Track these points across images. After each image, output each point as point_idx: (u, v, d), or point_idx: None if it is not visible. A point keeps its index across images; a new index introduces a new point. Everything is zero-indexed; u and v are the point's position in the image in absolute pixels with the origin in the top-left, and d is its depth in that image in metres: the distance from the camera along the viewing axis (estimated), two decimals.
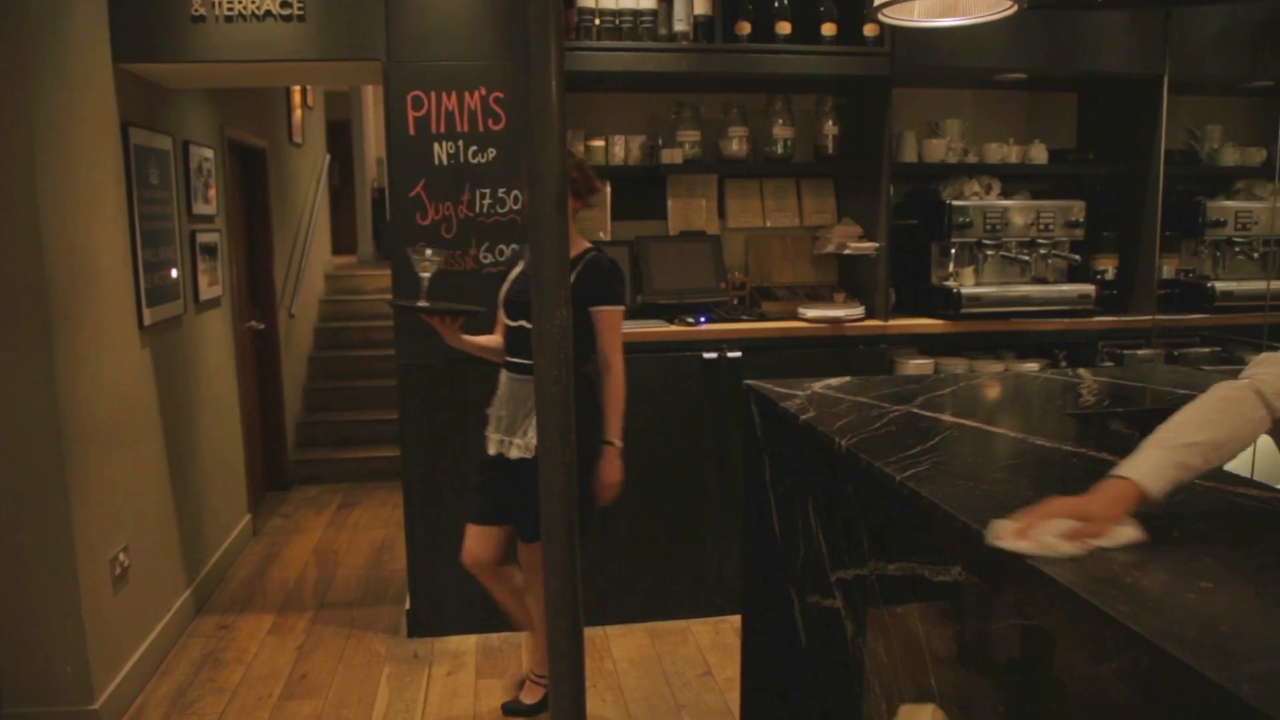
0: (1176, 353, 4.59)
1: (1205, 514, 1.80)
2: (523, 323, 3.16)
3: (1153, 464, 1.63)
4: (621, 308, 3.34)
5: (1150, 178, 4.68)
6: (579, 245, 3.29)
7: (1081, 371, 3.27)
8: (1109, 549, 1.56)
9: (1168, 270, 4.90)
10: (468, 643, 4.22)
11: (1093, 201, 4.75)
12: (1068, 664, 1.61)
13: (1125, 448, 2.14)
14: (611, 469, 3.36)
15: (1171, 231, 4.87)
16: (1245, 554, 1.64)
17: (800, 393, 2.99)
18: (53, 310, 3.28)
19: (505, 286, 3.36)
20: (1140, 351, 4.56)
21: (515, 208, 4.06)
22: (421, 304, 3.20)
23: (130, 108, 4.01)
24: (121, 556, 3.75)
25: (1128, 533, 1.58)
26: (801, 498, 3.00)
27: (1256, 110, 5.24)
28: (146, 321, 4.08)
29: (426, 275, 3.19)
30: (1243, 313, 4.73)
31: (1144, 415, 2.68)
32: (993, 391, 2.96)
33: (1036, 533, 1.57)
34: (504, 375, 3.33)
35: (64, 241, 3.37)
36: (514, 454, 3.25)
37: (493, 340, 3.44)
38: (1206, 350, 4.66)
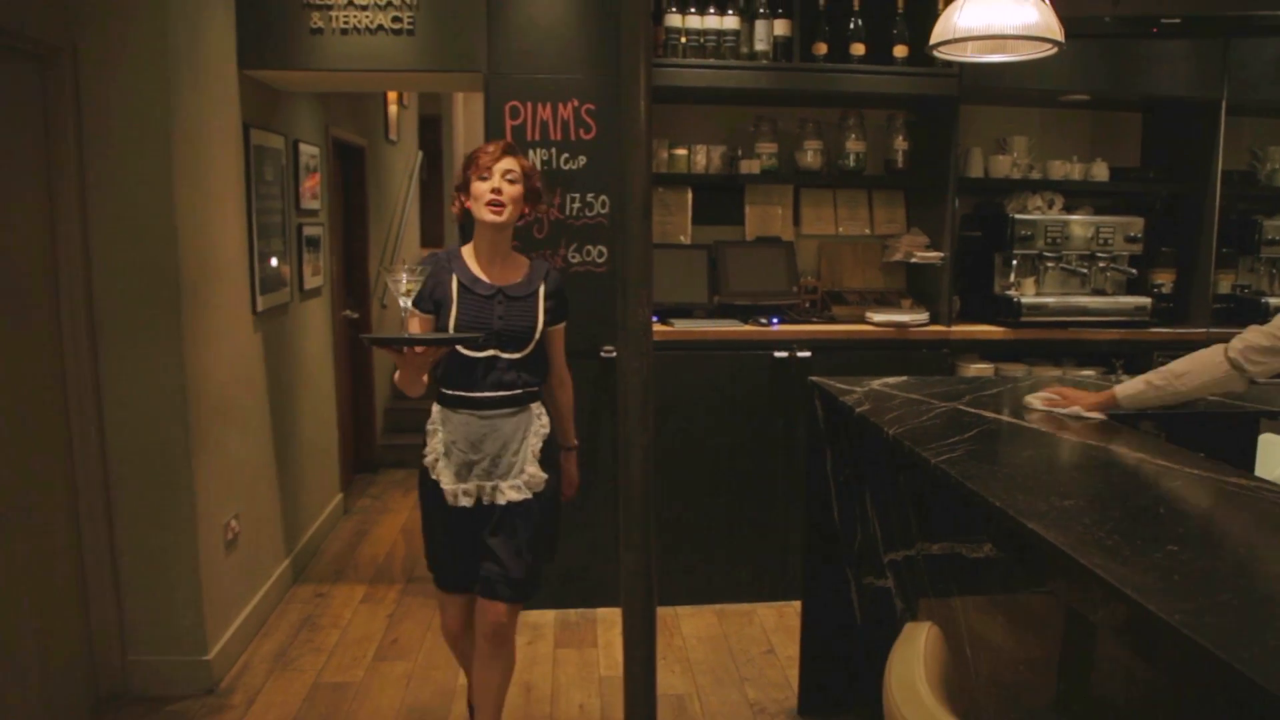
0: None
1: (1191, 497, 2.04)
2: (494, 352, 2.86)
3: (1130, 383, 2.76)
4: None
5: (1208, 196, 4.76)
6: (520, 258, 3.05)
7: (1124, 377, 3.43)
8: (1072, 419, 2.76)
9: (1224, 285, 4.97)
10: (546, 616, 4.45)
11: (1152, 218, 4.85)
12: (1075, 622, 1.89)
13: (1144, 444, 2.39)
14: (575, 470, 3.24)
15: (1228, 249, 4.94)
16: (1216, 528, 1.98)
17: (858, 389, 3.18)
18: (183, 295, 3.56)
19: (452, 314, 2.88)
20: None
21: (603, 211, 4.27)
22: (407, 335, 2.74)
23: (250, 110, 4.30)
24: (233, 523, 4.03)
25: (1089, 412, 2.77)
26: (859, 486, 3.19)
27: None
28: (259, 308, 4.36)
29: (408, 300, 2.70)
30: None
31: (1171, 418, 2.84)
32: (1033, 392, 3.11)
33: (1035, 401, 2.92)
34: (464, 417, 2.89)
35: (194, 232, 3.66)
36: (505, 498, 2.89)
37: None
38: None
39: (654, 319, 4.30)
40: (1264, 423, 2.87)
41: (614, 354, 4.06)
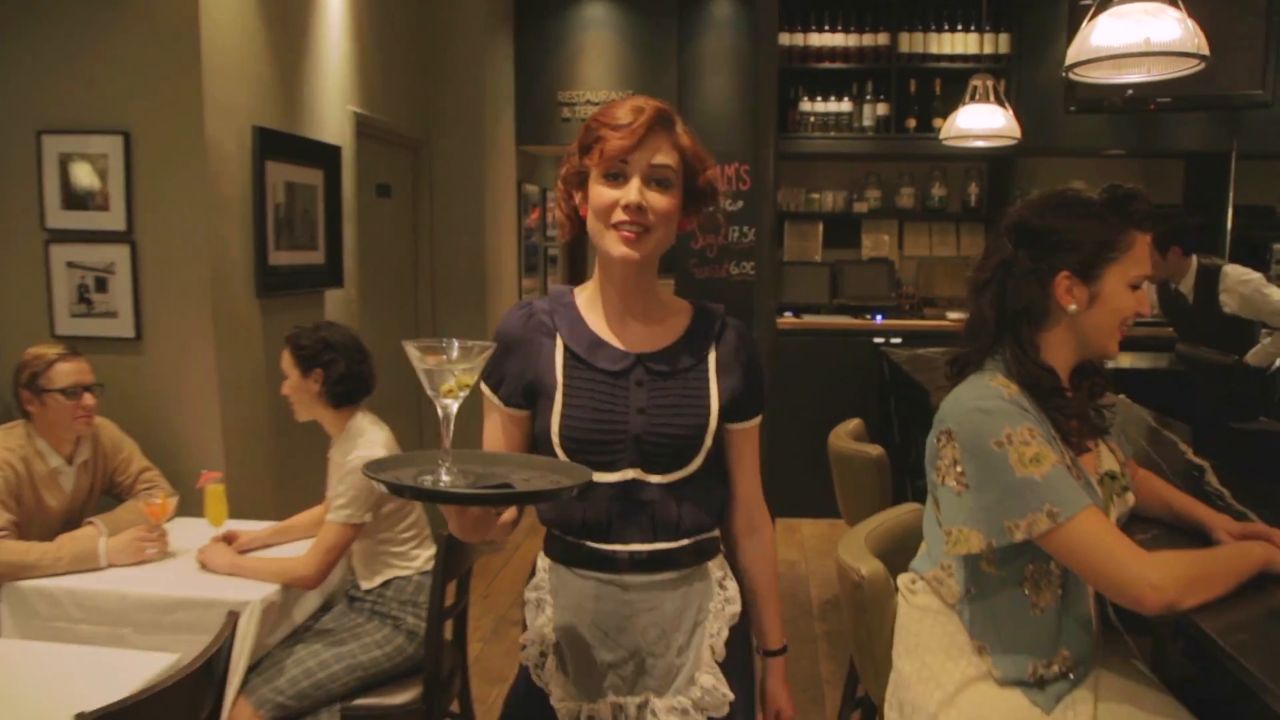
0: None
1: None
2: (635, 473, 1.57)
3: None
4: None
5: (1223, 226, 6.07)
6: (672, 303, 1.71)
7: None
8: None
9: None
10: None
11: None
12: None
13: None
14: (783, 689, 1.83)
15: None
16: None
17: (905, 353, 4.77)
18: (486, 288, 5.51)
19: (555, 410, 1.58)
20: None
21: (751, 238, 6.00)
22: (455, 488, 1.36)
23: (521, 170, 6.25)
24: None
25: None
26: (910, 419, 4.75)
27: None
28: (523, 298, 6.30)
29: (454, 402, 1.39)
30: None
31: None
32: None
33: None
34: (591, 584, 1.61)
35: (491, 250, 5.60)
36: None
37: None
38: None
39: (789, 314, 6.01)
40: None
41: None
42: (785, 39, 5.98)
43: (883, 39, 5.97)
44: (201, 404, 3.32)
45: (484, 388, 1.60)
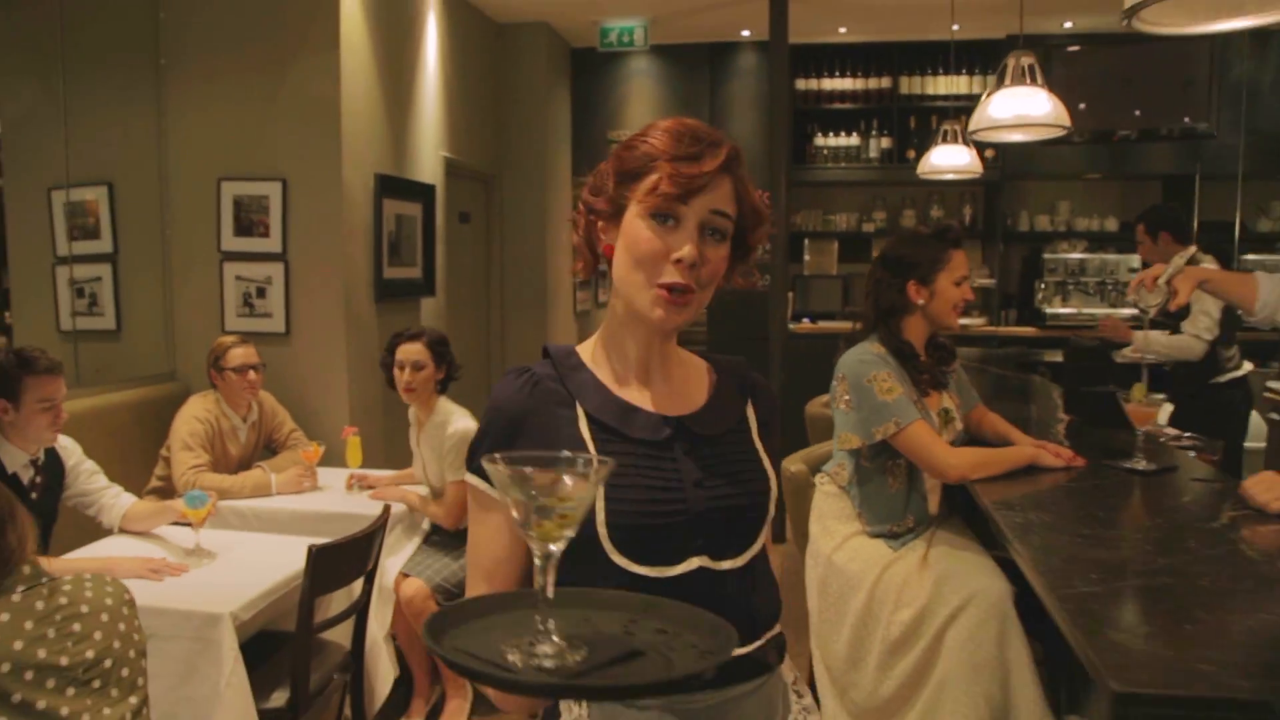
0: None
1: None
2: (701, 561, 1.24)
3: None
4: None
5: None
6: (687, 359, 1.44)
7: None
8: None
9: None
10: None
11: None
12: None
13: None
14: None
15: None
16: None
17: None
18: (548, 298, 6.51)
19: (601, 508, 1.20)
20: None
21: (767, 253, 6.92)
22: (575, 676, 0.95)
23: (576, 198, 7.24)
24: None
25: None
26: None
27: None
28: (577, 308, 7.30)
29: (557, 551, 0.97)
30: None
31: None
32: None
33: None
34: (654, 717, 1.19)
35: (551, 267, 6.60)
36: None
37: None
38: None
39: (806, 320, 6.92)
40: None
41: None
42: (801, 84, 6.93)
43: (885, 82, 6.88)
44: (334, 382, 4.36)
45: (475, 481, 1.24)
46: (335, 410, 4.33)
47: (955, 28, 6.16)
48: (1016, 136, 3.90)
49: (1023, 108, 3.55)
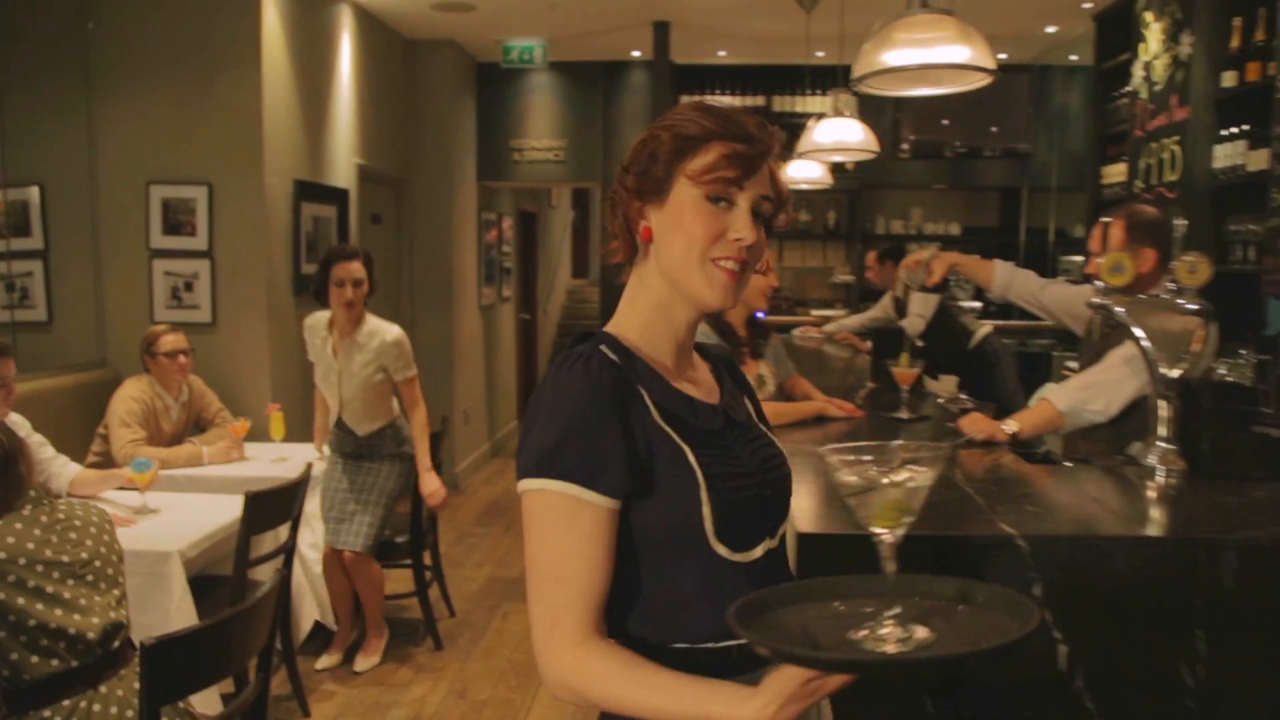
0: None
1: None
2: (768, 543, 1.24)
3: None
4: None
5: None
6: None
7: None
8: None
9: None
10: None
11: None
12: None
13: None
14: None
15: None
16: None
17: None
18: (453, 293, 6.95)
19: (706, 499, 1.17)
20: None
21: None
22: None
23: (481, 201, 7.70)
24: (467, 408, 7.39)
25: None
26: None
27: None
28: (482, 303, 7.74)
29: (898, 538, 1.08)
30: None
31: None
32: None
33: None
34: None
35: (456, 263, 7.04)
36: None
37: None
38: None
39: None
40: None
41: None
42: (686, 99, 7.48)
43: (760, 100, 7.50)
44: (257, 365, 4.75)
45: (565, 487, 1.12)
46: (259, 390, 4.73)
47: (819, 54, 6.81)
48: (837, 158, 4.54)
49: (841, 135, 4.16)
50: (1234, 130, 4.50)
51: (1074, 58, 7.19)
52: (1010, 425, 2.69)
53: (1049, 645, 1.74)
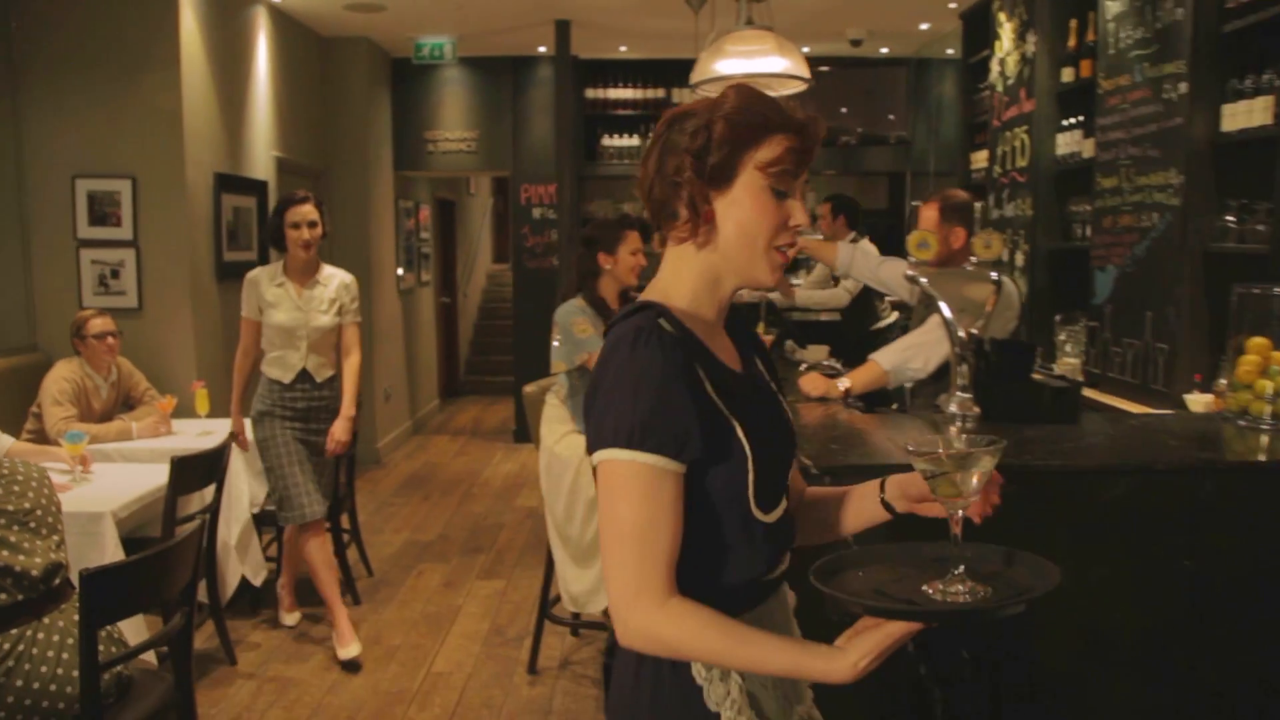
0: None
1: None
2: (784, 504, 1.36)
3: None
4: None
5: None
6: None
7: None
8: None
9: None
10: None
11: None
12: None
13: None
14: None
15: None
16: None
17: None
18: (371, 278, 7.20)
19: (751, 469, 1.27)
20: None
21: (556, 238, 7.81)
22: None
23: (398, 190, 7.95)
24: (388, 387, 7.66)
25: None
26: None
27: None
28: (401, 287, 8.00)
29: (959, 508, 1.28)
30: None
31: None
32: None
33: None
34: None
35: (374, 249, 7.30)
36: None
37: None
38: None
39: None
40: None
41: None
42: (591, 93, 7.84)
43: (660, 92, 7.88)
44: (183, 347, 5.00)
45: (655, 460, 1.18)
46: (185, 369, 4.97)
47: None
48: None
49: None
50: (1072, 121, 4.97)
51: (950, 51, 7.68)
52: (844, 383, 3.10)
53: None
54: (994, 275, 2.84)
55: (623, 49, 7.71)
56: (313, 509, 3.89)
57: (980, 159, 6.31)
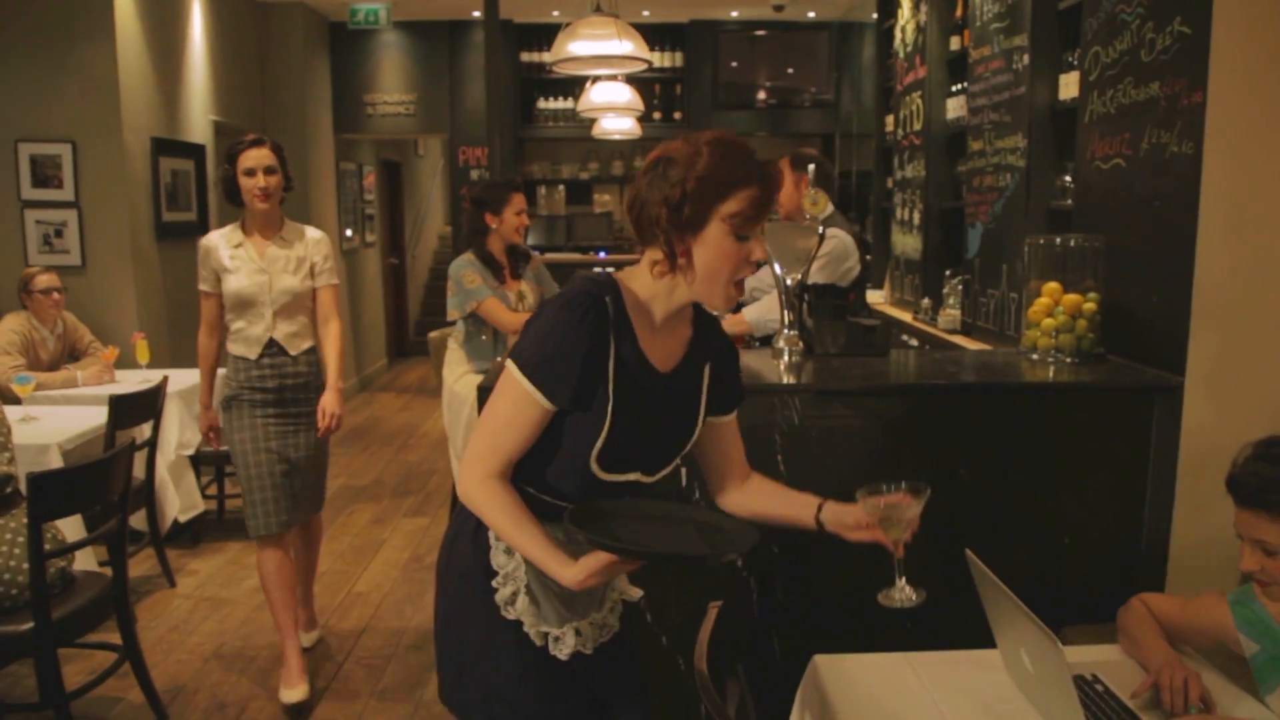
0: None
1: None
2: (636, 476, 1.67)
3: None
4: None
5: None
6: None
7: None
8: None
9: None
10: None
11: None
12: None
13: None
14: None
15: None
16: None
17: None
18: None
19: (601, 440, 1.59)
20: None
21: None
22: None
23: (339, 152, 8.36)
24: None
25: None
26: None
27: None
28: (345, 248, 8.43)
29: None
30: None
31: None
32: None
33: None
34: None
35: (315, 210, 7.72)
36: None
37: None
38: None
39: (536, 252, 8.31)
40: None
41: None
42: (526, 56, 8.27)
43: None
44: (125, 302, 5.45)
45: (531, 388, 1.52)
46: (126, 323, 5.42)
47: (645, 14, 7.64)
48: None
49: (610, 96, 4.91)
50: (959, 87, 5.46)
51: (875, 16, 8.16)
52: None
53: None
54: (820, 229, 3.32)
55: (555, 13, 8.14)
56: (267, 522, 3.33)
57: (890, 122, 6.80)
